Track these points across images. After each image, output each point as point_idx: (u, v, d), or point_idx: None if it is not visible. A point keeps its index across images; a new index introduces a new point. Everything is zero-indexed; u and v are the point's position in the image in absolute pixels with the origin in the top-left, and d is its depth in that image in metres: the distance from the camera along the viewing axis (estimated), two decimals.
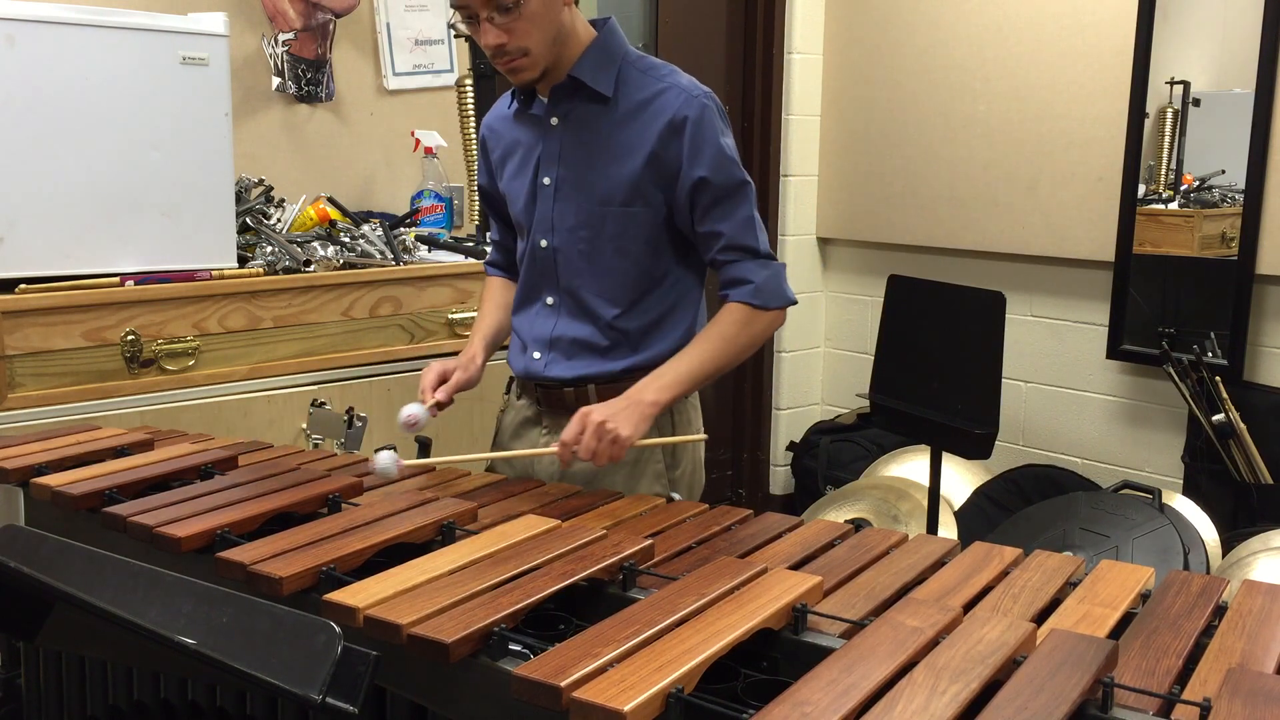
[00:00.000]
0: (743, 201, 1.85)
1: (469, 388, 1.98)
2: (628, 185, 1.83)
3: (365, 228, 2.84)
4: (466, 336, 2.73)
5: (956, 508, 3.57)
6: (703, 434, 1.97)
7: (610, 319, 1.89)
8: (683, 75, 1.87)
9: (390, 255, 2.76)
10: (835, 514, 3.42)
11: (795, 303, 1.91)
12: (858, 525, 1.62)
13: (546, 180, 1.89)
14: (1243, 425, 3.21)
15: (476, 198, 3.07)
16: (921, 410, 3.07)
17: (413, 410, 1.86)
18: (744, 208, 1.85)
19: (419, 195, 3.13)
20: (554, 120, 1.88)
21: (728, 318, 1.85)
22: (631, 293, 1.89)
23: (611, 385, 1.89)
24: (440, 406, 1.92)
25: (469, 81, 3.02)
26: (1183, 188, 3.47)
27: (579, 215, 1.87)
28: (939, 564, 1.47)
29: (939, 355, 3.06)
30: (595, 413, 1.72)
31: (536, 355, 1.95)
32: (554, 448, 1.75)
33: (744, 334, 1.85)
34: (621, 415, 1.73)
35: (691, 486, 2.00)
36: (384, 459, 1.75)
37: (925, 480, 3.19)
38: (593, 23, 1.87)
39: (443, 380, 1.94)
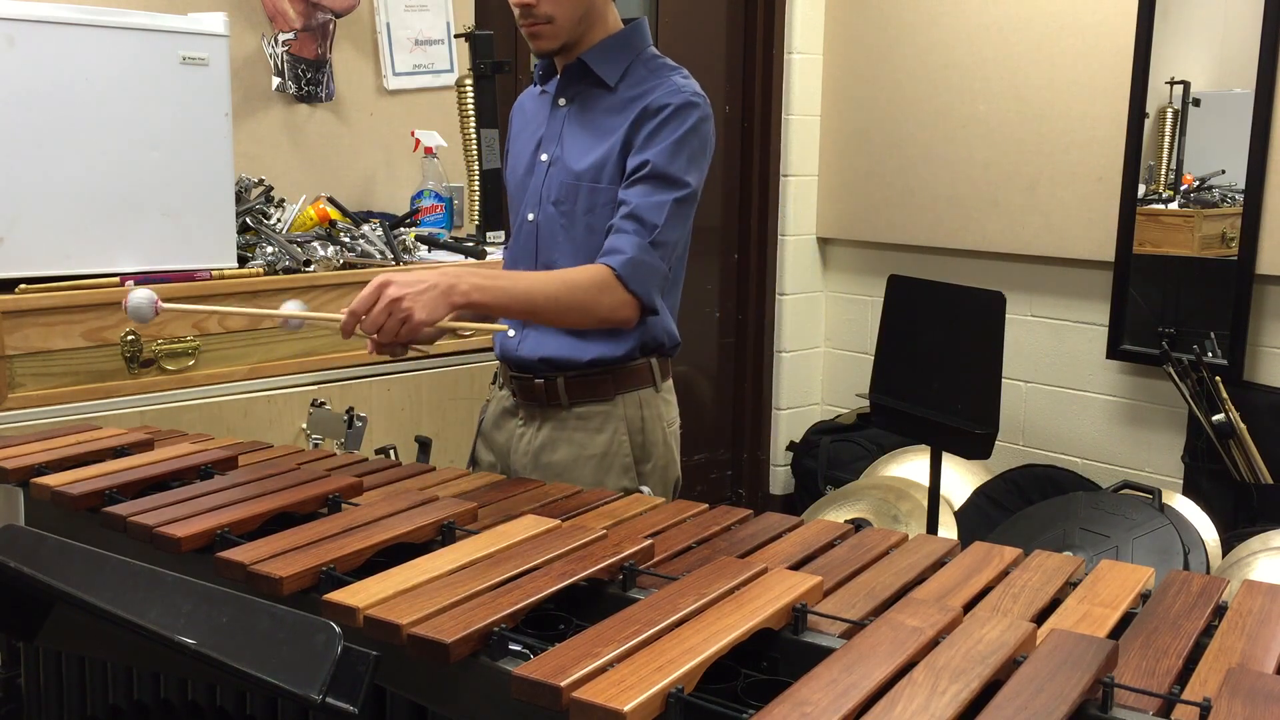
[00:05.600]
0: (669, 191, 1.79)
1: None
2: (599, 163, 1.87)
3: (365, 228, 2.84)
4: (466, 337, 2.73)
5: (956, 508, 3.57)
6: (507, 328, 1.88)
7: None
8: (685, 79, 1.89)
9: (390, 255, 2.76)
10: (835, 514, 3.42)
11: (655, 313, 1.83)
12: (858, 525, 1.62)
13: (544, 157, 1.94)
14: (1243, 425, 3.21)
15: (477, 198, 3.07)
16: (921, 410, 3.07)
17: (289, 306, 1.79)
18: (666, 195, 1.79)
19: (419, 195, 3.13)
20: (561, 101, 1.94)
21: (587, 271, 1.77)
22: None
23: (581, 377, 1.92)
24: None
25: (469, 81, 3.02)
26: (1183, 188, 3.47)
27: (560, 190, 1.91)
28: (939, 564, 1.47)
29: (939, 355, 3.06)
30: (393, 286, 1.60)
31: (511, 333, 1.97)
32: (341, 314, 1.64)
33: (589, 295, 1.74)
34: (422, 297, 1.61)
35: (665, 481, 1.98)
36: (138, 297, 1.71)
37: (925, 480, 3.19)
38: (626, 21, 1.93)
39: None
